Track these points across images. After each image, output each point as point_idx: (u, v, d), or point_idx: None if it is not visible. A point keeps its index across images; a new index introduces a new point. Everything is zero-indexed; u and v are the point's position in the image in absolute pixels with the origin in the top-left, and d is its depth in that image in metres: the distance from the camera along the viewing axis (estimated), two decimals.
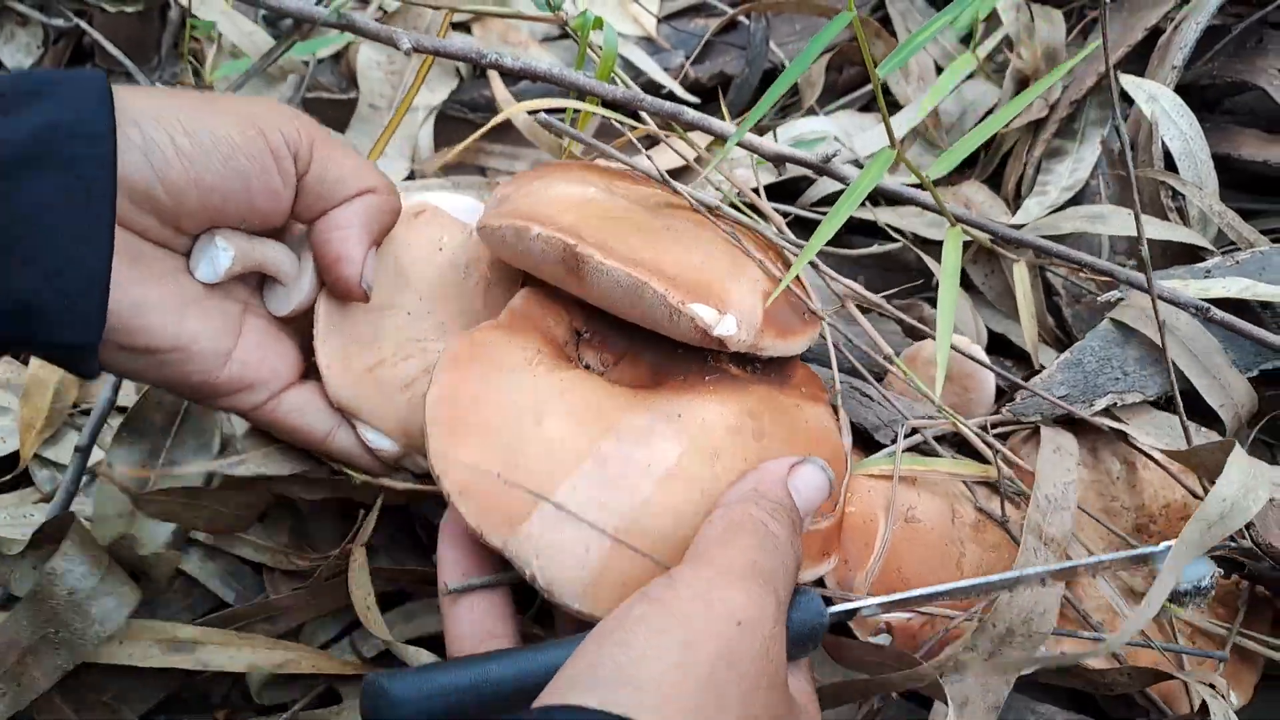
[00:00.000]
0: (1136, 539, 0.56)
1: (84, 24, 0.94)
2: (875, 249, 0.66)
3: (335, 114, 0.84)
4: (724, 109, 0.78)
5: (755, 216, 0.58)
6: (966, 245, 0.68)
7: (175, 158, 0.44)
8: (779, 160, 0.59)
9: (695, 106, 0.81)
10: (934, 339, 0.60)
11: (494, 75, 0.84)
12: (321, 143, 0.49)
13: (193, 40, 0.93)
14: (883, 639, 0.49)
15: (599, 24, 0.63)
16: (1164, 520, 0.56)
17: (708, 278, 0.48)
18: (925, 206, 0.58)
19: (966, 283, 0.69)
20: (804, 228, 0.72)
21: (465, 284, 0.56)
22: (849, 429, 0.54)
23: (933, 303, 0.70)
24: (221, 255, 0.48)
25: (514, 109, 0.60)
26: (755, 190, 0.65)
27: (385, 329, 0.53)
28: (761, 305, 0.49)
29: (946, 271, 0.54)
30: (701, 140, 0.73)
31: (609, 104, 0.62)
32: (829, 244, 0.58)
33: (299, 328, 0.53)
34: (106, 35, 0.93)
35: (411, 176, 0.81)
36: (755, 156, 0.63)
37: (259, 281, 0.53)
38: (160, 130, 0.44)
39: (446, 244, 0.56)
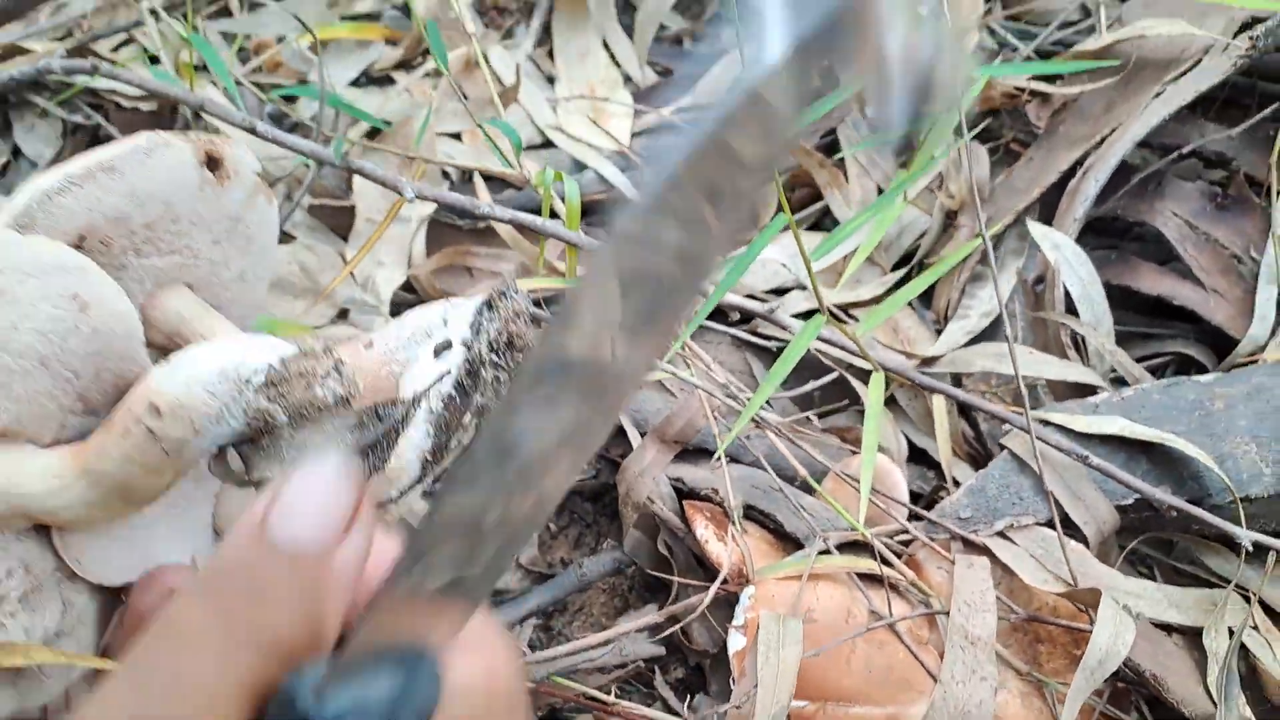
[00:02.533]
0: (1019, 636, 0.66)
1: (100, 119, 1.01)
2: (810, 386, 0.76)
3: (336, 220, 0.92)
4: None
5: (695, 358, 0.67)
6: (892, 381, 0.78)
7: None
8: (731, 308, 0.69)
9: None
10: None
11: (480, 185, 0.93)
12: None
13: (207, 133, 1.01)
14: None
15: (559, 177, 0.72)
16: (1036, 626, 0.66)
17: None
18: (856, 354, 0.68)
19: (892, 402, 0.79)
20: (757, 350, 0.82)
21: None
22: None
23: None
24: None
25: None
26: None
27: None
28: None
29: (871, 412, 0.64)
30: None
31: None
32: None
33: None
34: (122, 130, 1.01)
35: (408, 282, 0.89)
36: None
37: None
38: None
39: None
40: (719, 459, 0.65)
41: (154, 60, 0.97)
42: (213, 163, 0.53)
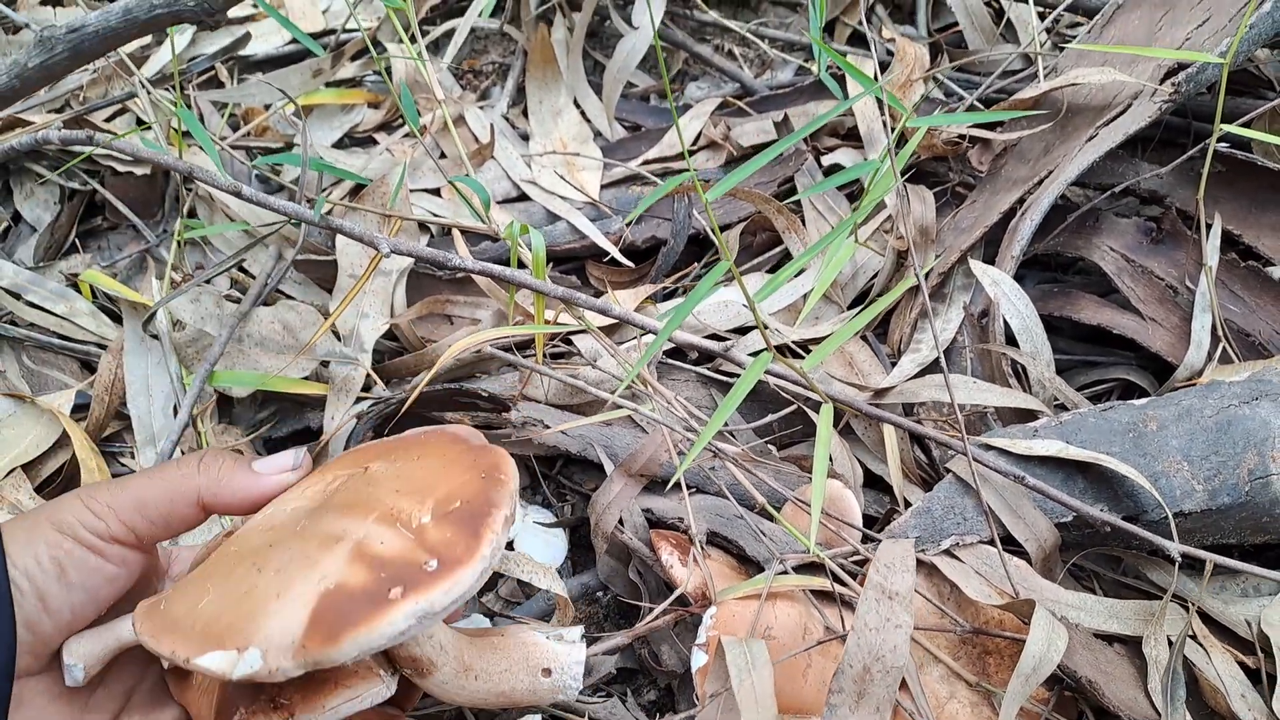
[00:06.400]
0: (968, 649, 0.70)
1: (96, 184, 1.07)
2: (770, 418, 0.80)
3: (322, 273, 0.97)
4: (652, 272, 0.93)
5: (658, 394, 0.71)
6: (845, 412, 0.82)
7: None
8: (689, 347, 0.73)
9: (631, 267, 0.95)
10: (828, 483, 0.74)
11: (458, 237, 0.98)
12: (124, 501, 0.52)
13: (197, 196, 1.06)
14: None
15: (525, 230, 0.77)
16: (984, 638, 0.70)
17: (233, 616, 0.48)
18: (806, 386, 0.72)
19: (848, 431, 0.83)
20: (721, 386, 0.86)
21: None
22: None
23: None
24: (75, 669, 0.51)
25: (466, 342, 0.74)
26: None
27: None
28: (307, 615, 0.46)
29: (820, 439, 0.68)
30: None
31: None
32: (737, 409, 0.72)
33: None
34: (116, 194, 1.07)
35: (390, 331, 0.94)
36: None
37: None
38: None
39: None
40: (670, 486, 0.69)
41: (143, 125, 1.02)
42: None
